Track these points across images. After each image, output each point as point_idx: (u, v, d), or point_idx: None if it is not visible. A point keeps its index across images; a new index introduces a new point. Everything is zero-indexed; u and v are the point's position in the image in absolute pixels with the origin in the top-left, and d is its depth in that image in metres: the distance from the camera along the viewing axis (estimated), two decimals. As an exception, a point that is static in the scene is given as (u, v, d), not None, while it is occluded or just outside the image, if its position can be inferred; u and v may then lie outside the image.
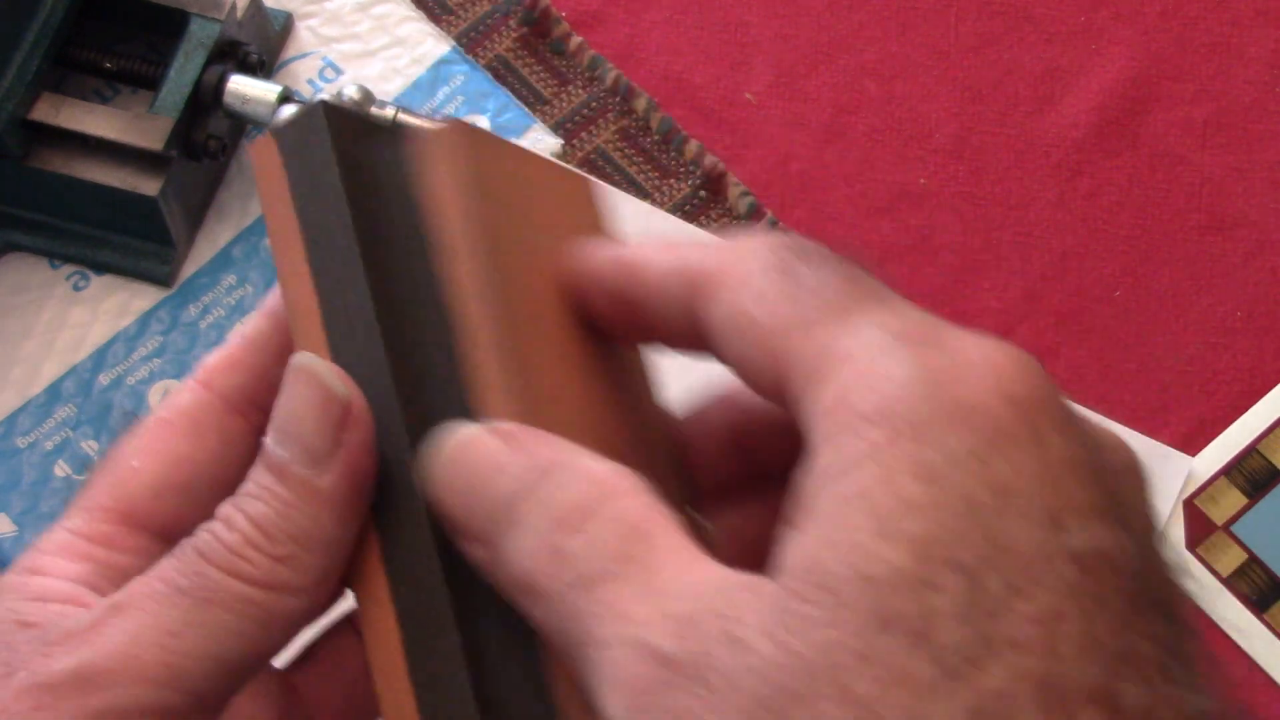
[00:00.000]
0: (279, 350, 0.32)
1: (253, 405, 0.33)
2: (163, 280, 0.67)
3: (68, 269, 0.67)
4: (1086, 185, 0.70)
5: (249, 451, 0.31)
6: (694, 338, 0.30)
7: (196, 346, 0.66)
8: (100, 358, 0.66)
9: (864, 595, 0.23)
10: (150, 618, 0.29)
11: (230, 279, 0.67)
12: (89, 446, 0.64)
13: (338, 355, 0.31)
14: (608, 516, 0.27)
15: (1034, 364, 0.26)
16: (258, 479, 0.30)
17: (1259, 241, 0.69)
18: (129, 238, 0.66)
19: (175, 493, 0.32)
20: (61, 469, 0.64)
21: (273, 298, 0.33)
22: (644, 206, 0.69)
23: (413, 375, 0.30)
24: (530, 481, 0.27)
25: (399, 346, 0.31)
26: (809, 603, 0.24)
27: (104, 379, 0.65)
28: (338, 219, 0.31)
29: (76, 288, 0.67)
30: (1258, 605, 0.63)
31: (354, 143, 0.32)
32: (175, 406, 0.33)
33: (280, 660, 0.33)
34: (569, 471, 0.27)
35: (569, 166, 0.38)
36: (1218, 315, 0.68)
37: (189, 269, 0.67)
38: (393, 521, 0.30)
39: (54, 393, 0.65)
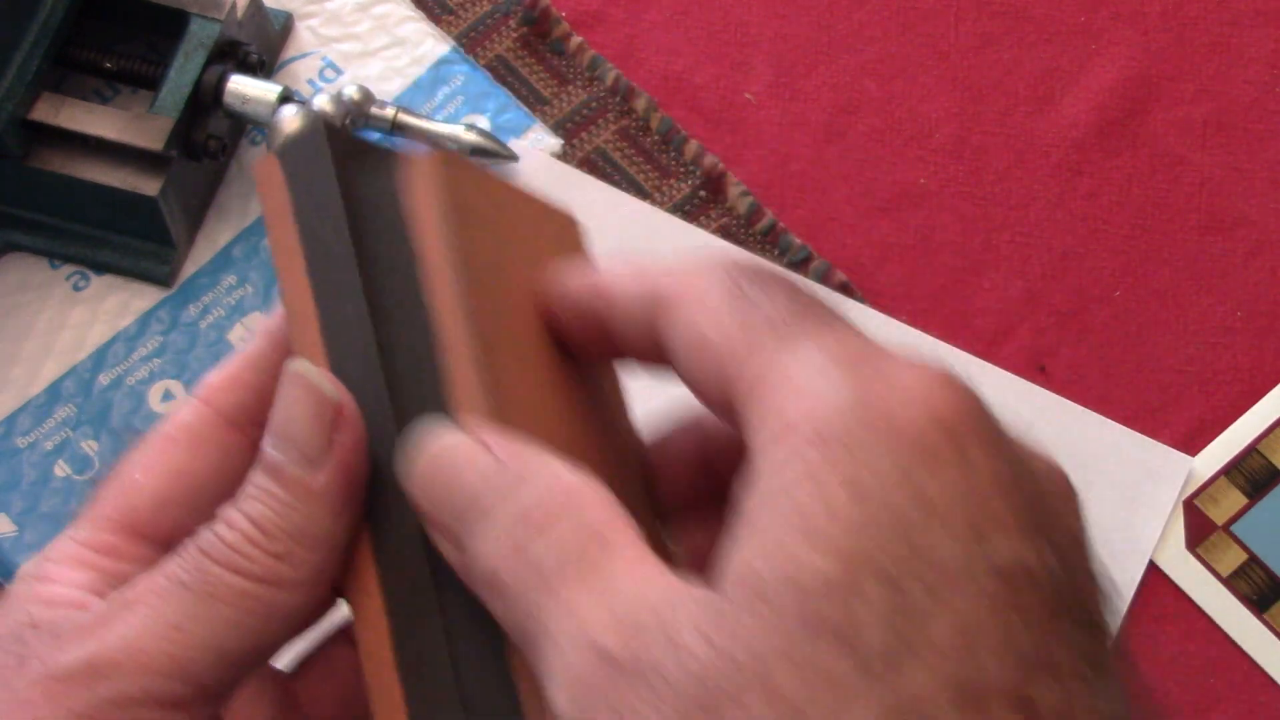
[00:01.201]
0: (276, 369, 0.33)
1: (251, 421, 0.34)
2: (163, 280, 0.67)
3: (68, 269, 0.67)
4: (1086, 185, 0.70)
5: (247, 465, 0.33)
6: (659, 356, 0.31)
7: (196, 346, 0.66)
8: (100, 358, 0.66)
9: (794, 601, 0.25)
10: (156, 612, 0.31)
11: (230, 279, 0.67)
12: (89, 446, 0.64)
13: (334, 362, 0.32)
14: (571, 521, 0.28)
15: (964, 386, 0.27)
16: (256, 481, 0.32)
17: (1259, 241, 0.69)
18: (129, 238, 0.66)
19: (176, 504, 0.34)
20: (61, 469, 0.64)
21: (271, 319, 0.35)
22: (644, 206, 0.69)
23: (400, 382, 0.32)
24: (500, 482, 0.29)
25: (390, 355, 0.32)
26: (743, 609, 0.25)
27: (104, 379, 0.65)
28: (336, 235, 0.33)
29: (76, 288, 0.67)
30: (1258, 605, 0.63)
31: (348, 162, 0.34)
32: (177, 422, 0.34)
33: (281, 665, 0.35)
34: (539, 475, 0.29)
35: (552, 202, 0.39)
36: (1218, 315, 0.68)
37: (189, 269, 0.67)
38: (382, 518, 0.32)
39: (54, 393, 0.65)
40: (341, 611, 0.33)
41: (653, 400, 0.35)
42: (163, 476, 0.34)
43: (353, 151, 0.34)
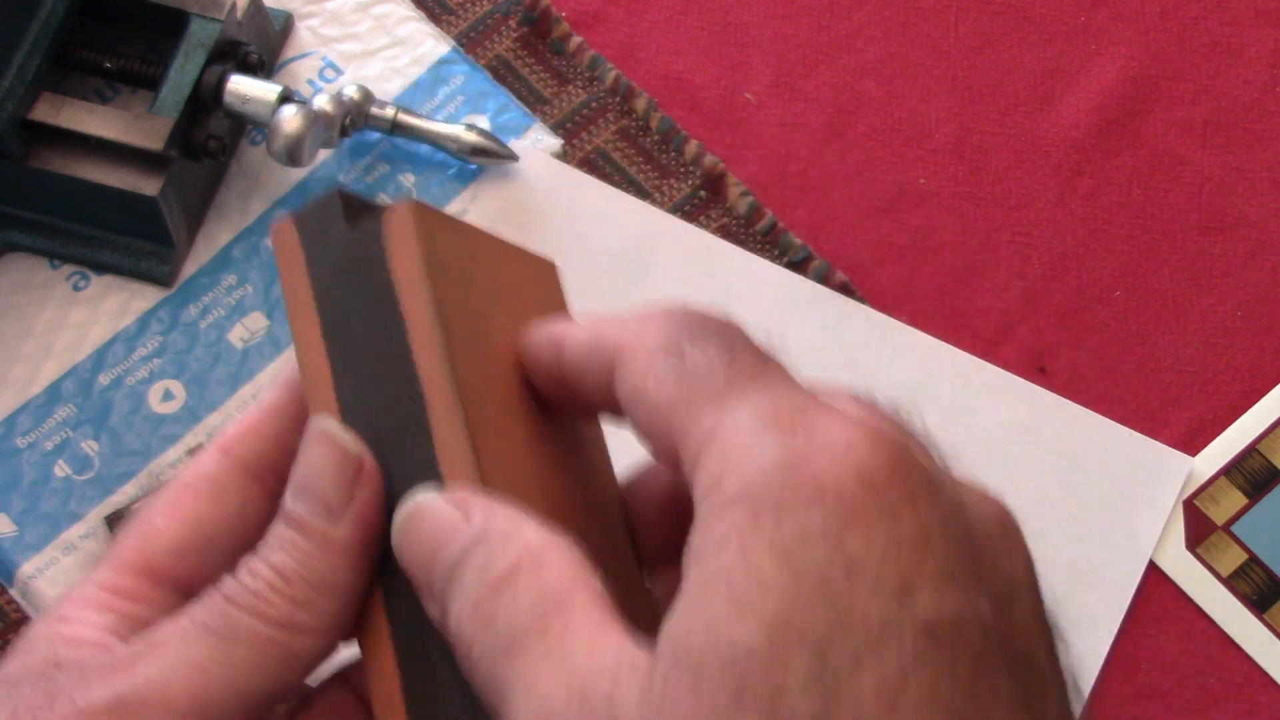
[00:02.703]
0: (294, 420, 0.35)
1: (269, 471, 0.36)
2: (163, 280, 0.67)
3: (68, 269, 0.67)
4: (1086, 185, 0.70)
5: (265, 514, 0.35)
6: (619, 410, 0.32)
7: (196, 346, 0.66)
8: (100, 358, 0.66)
9: (721, 674, 0.26)
10: (181, 654, 0.32)
11: (230, 279, 0.67)
12: (89, 446, 0.64)
13: (346, 418, 0.34)
14: (528, 585, 0.29)
15: (895, 438, 0.28)
16: (279, 531, 0.33)
17: (1259, 241, 0.69)
18: (129, 238, 0.66)
19: (195, 551, 0.35)
20: (61, 469, 0.64)
21: (287, 371, 0.36)
22: (644, 206, 0.69)
23: (398, 442, 0.33)
24: (466, 542, 0.30)
25: (387, 415, 0.34)
26: (673, 682, 0.26)
27: (104, 379, 0.65)
28: (351, 298, 0.34)
29: (76, 288, 0.67)
30: (1258, 605, 0.63)
31: (357, 223, 0.35)
32: (197, 471, 0.36)
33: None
34: (504, 538, 0.30)
35: (529, 249, 0.40)
36: (1218, 315, 0.68)
37: (189, 269, 0.67)
38: (393, 570, 0.33)
39: (54, 393, 0.65)
40: (340, 655, 0.34)
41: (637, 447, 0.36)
42: (182, 524, 0.35)
43: (361, 211, 0.35)
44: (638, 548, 0.37)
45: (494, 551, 0.30)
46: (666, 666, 0.26)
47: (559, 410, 0.36)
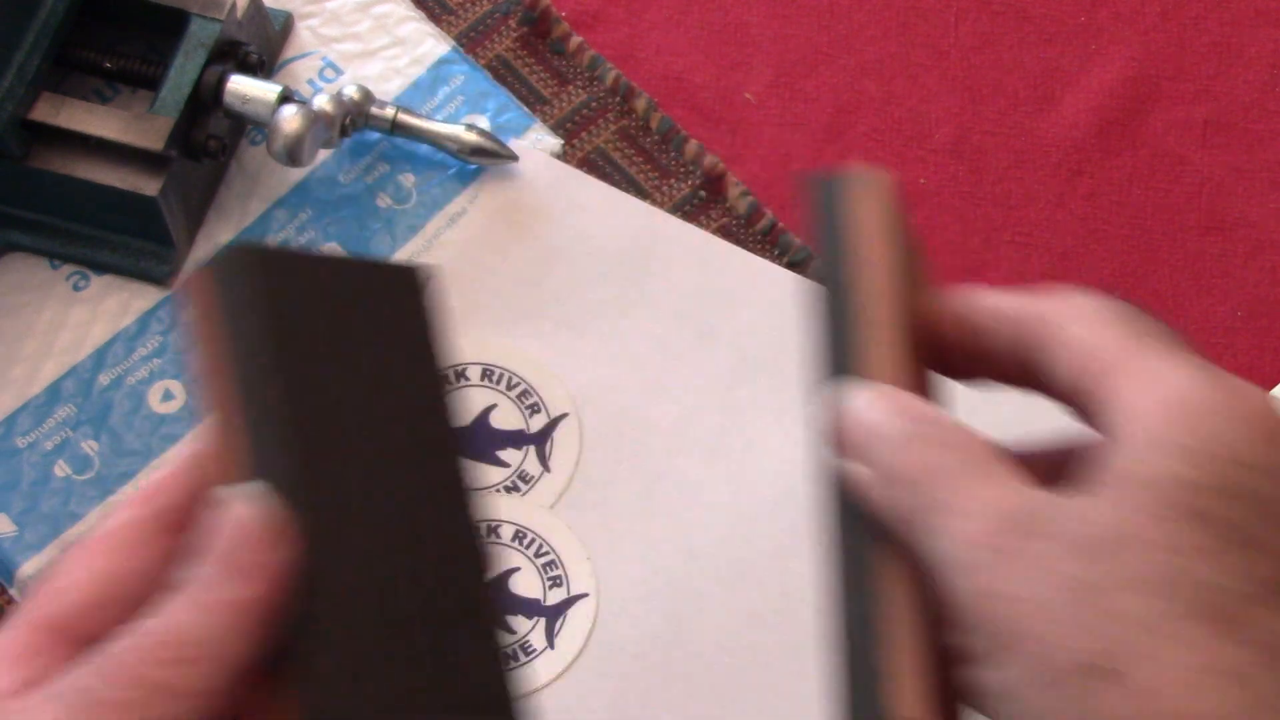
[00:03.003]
0: (211, 475, 0.35)
1: (186, 524, 0.36)
2: (163, 280, 0.67)
3: (68, 269, 0.67)
4: (1086, 185, 0.70)
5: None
6: (1019, 372, 0.39)
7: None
8: (100, 358, 0.66)
9: (1173, 488, 0.33)
10: (63, 713, 0.32)
11: (230, 279, 0.67)
12: (89, 446, 0.64)
13: (259, 471, 0.34)
14: (966, 442, 0.36)
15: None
16: (161, 593, 0.34)
17: (1259, 241, 0.69)
18: (129, 238, 0.66)
19: (104, 607, 0.35)
20: (61, 469, 0.64)
21: (210, 427, 0.36)
22: (644, 206, 0.69)
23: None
24: (913, 429, 0.36)
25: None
26: (1124, 495, 0.33)
27: (104, 379, 0.65)
28: (261, 348, 0.35)
29: (76, 288, 0.67)
30: (1258, 605, 0.63)
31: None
32: (111, 526, 0.36)
33: None
34: (935, 420, 0.37)
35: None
36: (1218, 315, 0.68)
37: (189, 269, 0.67)
38: (303, 657, 0.33)
39: (54, 393, 0.65)
40: None
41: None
42: (90, 580, 0.35)
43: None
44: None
45: (939, 431, 0.37)
46: (1115, 486, 0.33)
47: (950, 372, 0.41)
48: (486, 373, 0.66)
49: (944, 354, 0.40)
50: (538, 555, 0.62)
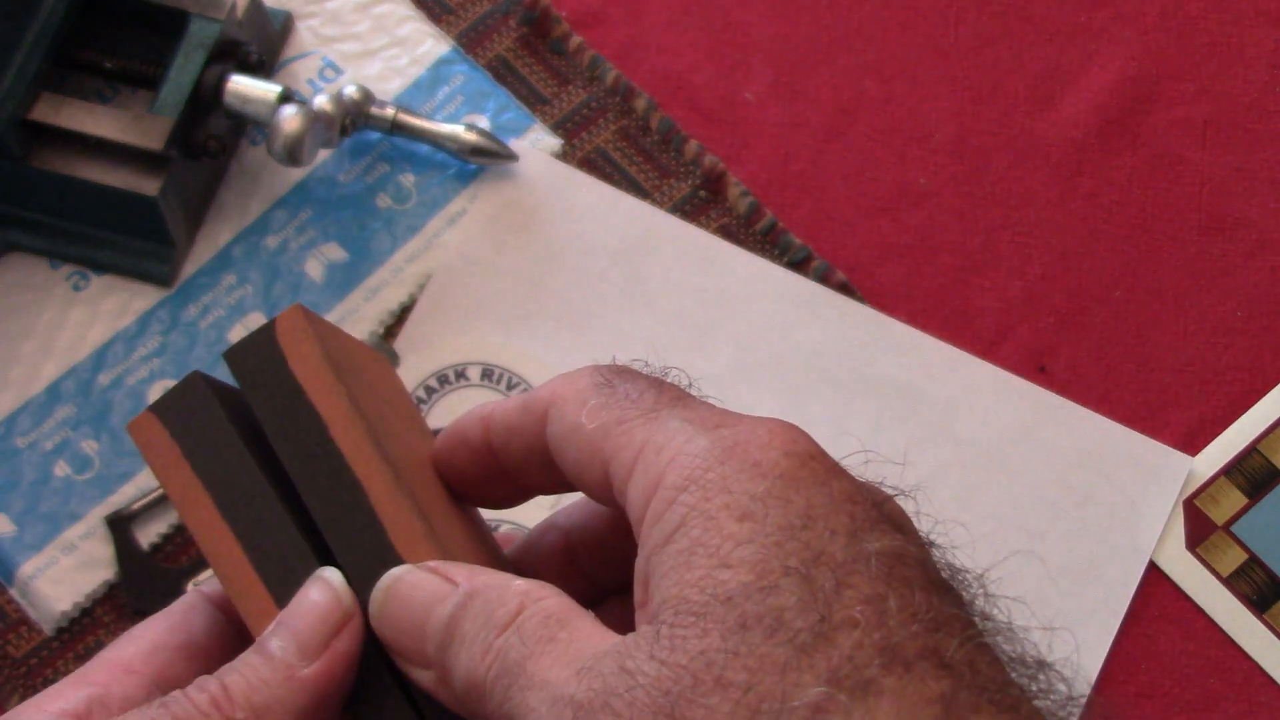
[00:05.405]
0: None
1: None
2: (163, 280, 0.67)
3: (68, 269, 0.67)
4: (1086, 185, 0.70)
5: (234, 645, 0.37)
6: (546, 470, 0.36)
7: (196, 346, 0.66)
8: (100, 358, 0.66)
9: (723, 610, 0.29)
10: None
11: (230, 279, 0.67)
12: (89, 446, 0.64)
13: (270, 583, 0.35)
14: (534, 613, 0.32)
15: (804, 433, 0.33)
16: (244, 656, 0.35)
17: (1259, 241, 0.69)
18: (129, 238, 0.66)
19: (151, 681, 0.36)
20: (61, 469, 0.64)
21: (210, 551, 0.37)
22: (644, 206, 0.69)
23: (343, 534, 0.35)
24: (464, 603, 0.33)
25: (330, 512, 0.35)
26: (681, 628, 0.30)
27: (104, 379, 0.65)
28: (239, 464, 0.35)
29: (76, 288, 0.67)
30: (1258, 605, 0.63)
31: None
32: (173, 605, 0.38)
33: None
34: (499, 589, 0.33)
35: (368, 344, 0.42)
36: (1218, 315, 0.68)
37: (189, 269, 0.67)
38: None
39: (54, 393, 0.65)
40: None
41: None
42: (145, 650, 0.37)
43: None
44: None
45: (493, 601, 0.33)
46: (670, 620, 0.30)
47: (472, 499, 0.39)
48: (486, 373, 0.66)
49: (478, 486, 0.38)
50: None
